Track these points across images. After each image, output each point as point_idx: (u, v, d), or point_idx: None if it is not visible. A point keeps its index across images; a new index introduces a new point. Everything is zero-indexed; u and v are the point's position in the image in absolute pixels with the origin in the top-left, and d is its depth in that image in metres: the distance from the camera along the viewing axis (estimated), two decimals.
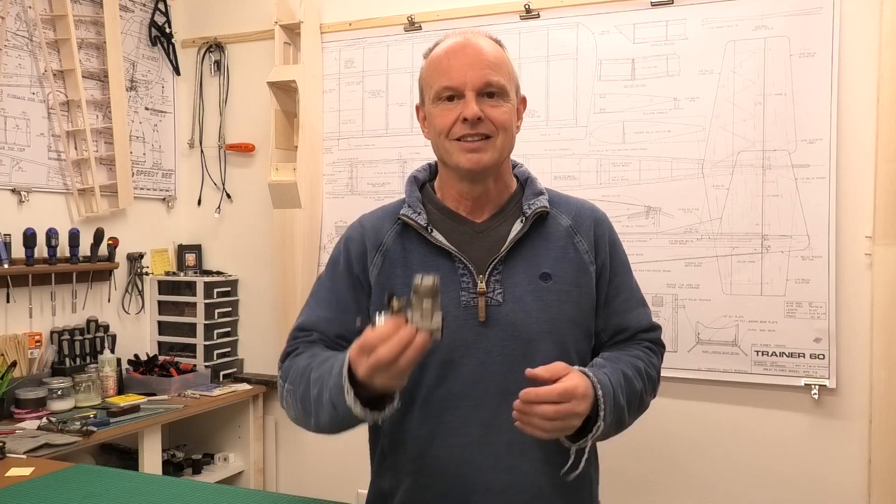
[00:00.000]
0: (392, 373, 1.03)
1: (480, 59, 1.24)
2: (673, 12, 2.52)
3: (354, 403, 1.08)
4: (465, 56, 1.24)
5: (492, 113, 1.23)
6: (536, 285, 1.26)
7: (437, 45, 1.30)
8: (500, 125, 1.24)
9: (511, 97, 1.27)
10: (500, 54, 1.28)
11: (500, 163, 1.28)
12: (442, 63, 1.26)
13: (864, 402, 2.33)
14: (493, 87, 1.24)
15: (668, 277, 2.53)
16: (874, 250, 2.29)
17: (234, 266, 3.30)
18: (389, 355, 1.01)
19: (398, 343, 1.01)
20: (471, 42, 1.26)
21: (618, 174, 2.59)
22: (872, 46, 2.29)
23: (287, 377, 1.26)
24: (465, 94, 1.23)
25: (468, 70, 1.23)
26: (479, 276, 1.25)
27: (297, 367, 1.25)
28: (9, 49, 2.66)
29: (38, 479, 1.61)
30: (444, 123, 1.24)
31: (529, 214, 1.28)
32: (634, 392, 1.26)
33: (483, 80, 1.23)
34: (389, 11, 2.92)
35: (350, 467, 2.97)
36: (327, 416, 1.15)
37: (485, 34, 1.30)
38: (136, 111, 3.16)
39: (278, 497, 1.68)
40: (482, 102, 1.23)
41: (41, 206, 2.76)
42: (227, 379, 3.17)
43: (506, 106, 1.25)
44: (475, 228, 1.30)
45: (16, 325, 2.67)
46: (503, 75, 1.25)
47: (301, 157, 2.96)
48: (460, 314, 1.24)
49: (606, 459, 1.44)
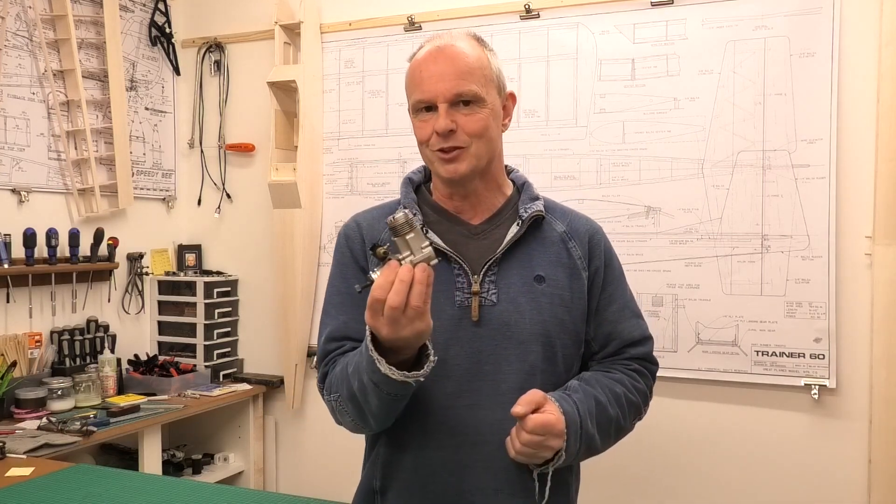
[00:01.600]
0: (410, 316, 1.02)
1: (451, 69, 1.23)
2: (673, 12, 2.52)
3: (390, 370, 1.07)
4: (437, 67, 1.24)
5: (465, 122, 1.23)
6: (530, 287, 1.27)
7: (419, 50, 1.30)
8: (473, 134, 1.23)
9: (488, 101, 1.25)
10: (475, 58, 1.25)
11: (479, 168, 1.27)
12: (415, 75, 1.27)
13: (864, 402, 2.33)
14: (464, 95, 1.23)
15: (668, 277, 2.53)
16: (874, 250, 2.29)
17: (234, 266, 3.30)
18: (399, 299, 1.01)
19: (402, 284, 1.01)
20: (443, 51, 1.25)
21: (618, 174, 2.59)
22: (872, 46, 2.29)
23: (331, 390, 1.25)
24: (438, 106, 1.23)
25: (438, 82, 1.23)
26: (473, 277, 1.26)
27: (335, 376, 1.24)
28: (9, 49, 2.66)
29: (38, 479, 1.61)
30: (422, 136, 1.27)
31: (526, 218, 1.29)
32: (608, 419, 1.26)
33: (452, 91, 1.22)
34: (389, 11, 2.92)
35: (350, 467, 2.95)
36: (376, 399, 1.13)
37: (464, 34, 1.29)
38: (136, 111, 3.16)
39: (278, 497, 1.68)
40: (455, 112, 1.23)
41: (41, 206, 2.76)
42: (227, 379, 3.17)
43: (481, 112, 1.24)
44: (471, 230, 1.31)
45: (16, 325, 2.67)
46: (476, 81, 1.24)
47: (301, 157, 2.96)
48: (455, 313, 1.25)
49: (606, 459, 1.44)
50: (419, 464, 1.26)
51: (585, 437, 1.21)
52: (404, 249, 1.04)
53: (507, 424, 1.22)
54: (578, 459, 1.26)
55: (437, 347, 1.20)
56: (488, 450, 1.23)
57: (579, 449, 1.21)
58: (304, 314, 3.00)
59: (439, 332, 1.24)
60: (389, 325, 1.03)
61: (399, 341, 1.06)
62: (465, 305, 1.25)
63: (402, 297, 1.01)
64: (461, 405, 1.24)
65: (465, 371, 1.24)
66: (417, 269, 1.03)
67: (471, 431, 1.24)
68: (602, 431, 1.25)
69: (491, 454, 1.23)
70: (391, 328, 1.04)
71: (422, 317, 1.04)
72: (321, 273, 3.03)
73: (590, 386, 1.28)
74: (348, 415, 1.22)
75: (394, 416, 1.21)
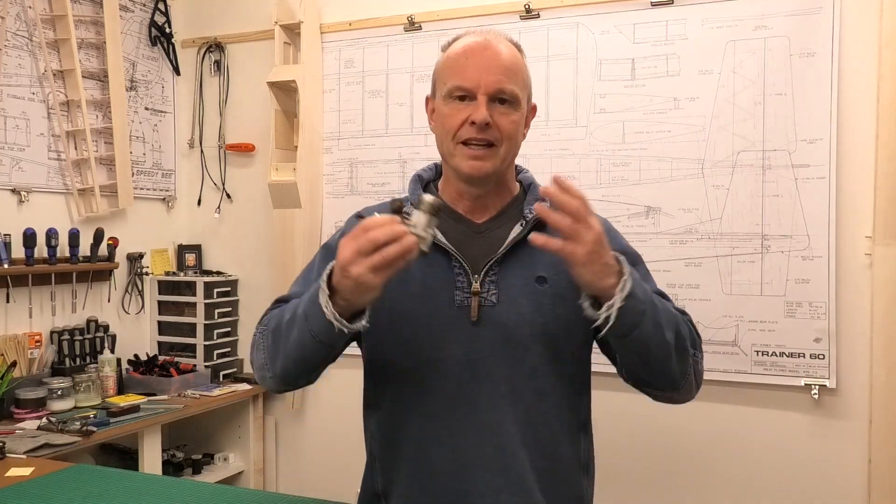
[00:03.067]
0: (372, 262, 1.01)
1: (497, 63, 1.22)
2: (673, 12, 2.52)
3: (327, 302, 1.07)
4: (483, 58, 1.23)
5: (500, 121, 1.22)
6: (532, 288, 1.25)
7: (457, 39, 1.28)
8: (506, 134, 1.23)
9: (522, 106, 1.26)
10: (518, 61, 1.26)
11: (500, 171, 1.27)
12: (459, 61, 1.24)
13: (864, 402, 2.33)
14: (505, 94, 1.22)
15: (668, 277, 2.53)
16: (874, 250, 2.29)
17: (234, 266, 3.30)
18: (380, 236, 1.01)
19: (390, 231, 1.02)
20: (490, 44, 1.24)
21: (618, 174, 2.59)
22: (872, 46, 2.29)
23: (261, 324, 1.28)
24: (478, 96, 1.21)
25: (483, 73, 1.21)
26: (474, 276, 1.25)
27: (273, 313, 1.26)
28: (9, 49, 2.66)
29: (38, 479, 1.61)
30: (451, 124, 1.24)
31: (530, 219, 1.27)
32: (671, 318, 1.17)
33: (497, 85, 1.21)
34: (389, 11, 2.92)
35: (350, 467, 2.95)
36: (296, 332, 1.13)
37: (506, 38, 1.29)
38: (136, 111, 3.16)
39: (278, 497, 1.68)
40: (493, 108, 1.22)
41: (41, 206, 2.76)
42: (227, 379, 3.17)
43: (515, 115, 1.24)
44: (475, 229, 1.30)
45: (16, 325, 2.67)
46: (517, 83, 1.24)
47: (301, 157, 2.96)
48: (453, 313, 1.24)
49: (606, 459, 1.44)
50: (419, 465, 1.25)
51: (651, 307, 1.11)
52: (414, 220, 1.06)
53: (506, 426, 1.22)
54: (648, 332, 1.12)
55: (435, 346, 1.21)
56: (488, 450, 1.23)
57: (645, 308, 1.10)
58: None
59: (437, 330, 1.24)
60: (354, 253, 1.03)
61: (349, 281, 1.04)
62: (465, 305, 1.24)
63: (383, 239, 1.01)
64: (459, 406, 1.24)
65: (463, 371, 1.24)
66: (408, 236, 1.03)
67: (470, 432, 1.23)
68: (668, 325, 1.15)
69: (491, 455, 1.23)
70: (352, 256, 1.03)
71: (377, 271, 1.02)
72: None
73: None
74: (261, 352, 1.23)
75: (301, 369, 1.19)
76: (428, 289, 1.25)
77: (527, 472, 1.23)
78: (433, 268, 1.25)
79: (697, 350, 1.26)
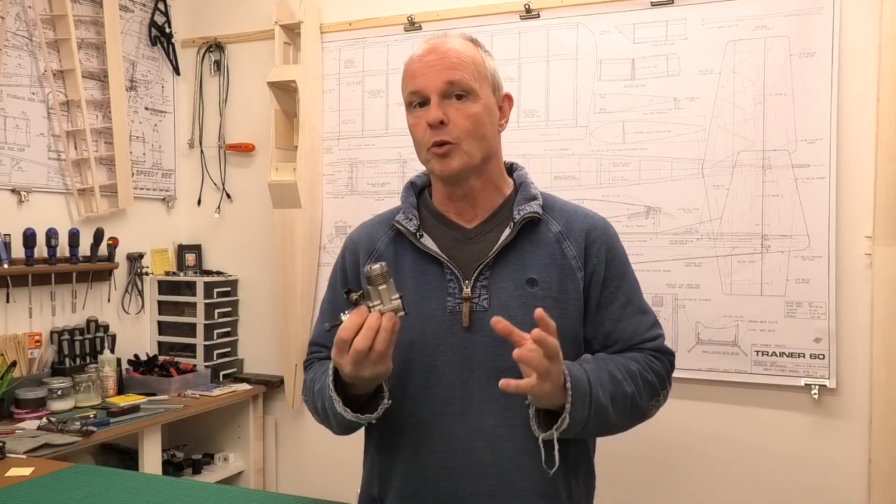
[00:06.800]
0: (373, 359, 1.10)
1: (445, 60, 1.24)
2: (673, 12, 2.52)
3: (344, 410, 1.17)
4: (430, 59, 1.25)
5: (456, 116, 1.23)
6: (523, 291, 1.25)
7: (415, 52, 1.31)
8: (464, 129, 1.23)
9: (482, 96, 1.25)
10: (469, 53, 1.26)
11: (473, 166, 1.26)
12: (410, 69, 1.28)
13: (864, 402, 2.33)
14: (455, 85, 1.23)
15: (668, 277, 2.53)
16: (874, 250, 2.29)
17: (234, 266, 3.30)
18: (364, 343, 1.08)
19: (368, 329, 1.09)
20: (437, 46, 1.26)
21: (618, 174, 2.59)
22: (872, 46, 2.29)
23: (304, 394, 1.37)
24: (431, 98, 1.23)
25: (431, 72, 1.23)
26: (464, 282, 1.25)
27: (308, 381, 1.36)
28: (9, 49, 2.66)
29: (38, 479, 1.61)
30: (417, 133, 1.27)
31: (518, 220, 1.27)
32: (623, 393, 1.21)
33: (443, 79, 1.22)
34: (389, 11, 2.92)
35: (350, 467, 2.95)
36: (335, 423, 1.25)
37: (459, 35, 1.30)
38: (136, 111, 3.16)
39: (278, 497, 1.68)
40: (448, 105, 1.23)
41: (41, 206, 2.76)
42: (227, 379, 3.17)
43: (474, 107, 1.24)
44: (465, 234, 1.30)
45: (16, 325, 2.67)
46: (468, 72, 1.24)
47: (301, 157, 2.96)
48: (445, 319, 1.25)
49: (606, 459, 1.44)
50: (413, 470, 1.26)
51: (596, 407, 1.15)
52: (376, 298, 1.11)
53: (499, 431, 1.22)
54: (590, 431, 1.20)
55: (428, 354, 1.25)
56: (481, 455, 1.23)
57: (589, 417, 1.15)
58: (304, 314, 3.00)
59: (430, 337, 1.25)
60: (352, 364, 1.11)
61: (358, 380, 1.14)
62: (457, 311, 1.25)
63: (368, 342, 1.09)
64: (453, 412, 1.24)
65: (456, 377, 1.24)
66: (385, 317, 1.10)
67: (463, 437, 1.24)
68: (617, 406, 1.19)
69: (484, 460, 1.23)
70: (353, 367, 1.11)
71: (383, 360, 1.12)
72: (321, 273, 3.03)
73: (603, 361, 1.24)
74: (318, 418, 1.32)
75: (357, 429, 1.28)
76: (421, 296, 1.26)
77: (521, 477, 1.23)
78: (426, 275, 1.27)
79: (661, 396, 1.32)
